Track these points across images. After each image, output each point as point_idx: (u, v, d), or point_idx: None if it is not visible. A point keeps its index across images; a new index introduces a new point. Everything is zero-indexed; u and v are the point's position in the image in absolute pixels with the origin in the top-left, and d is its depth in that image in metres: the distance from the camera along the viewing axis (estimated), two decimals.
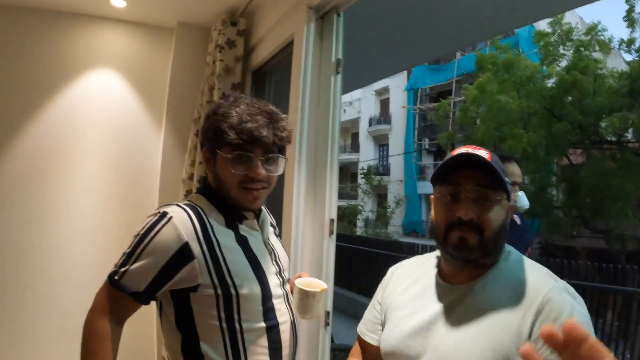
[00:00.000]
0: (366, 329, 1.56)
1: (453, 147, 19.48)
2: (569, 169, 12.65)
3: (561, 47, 12.07)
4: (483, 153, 1.27)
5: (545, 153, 12.07)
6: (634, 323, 6.37)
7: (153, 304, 1.49)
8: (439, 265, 1.43)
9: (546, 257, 9.90)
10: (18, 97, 3.44)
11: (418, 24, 3.43)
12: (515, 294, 1.22)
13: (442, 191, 1.31)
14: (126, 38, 3.73)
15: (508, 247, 1.36)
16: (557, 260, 8.30)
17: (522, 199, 2.82)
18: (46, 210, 3.46)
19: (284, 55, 2.75)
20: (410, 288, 1.45)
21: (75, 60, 3.58)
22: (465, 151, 1.28)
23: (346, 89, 3.50)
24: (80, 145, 3.56)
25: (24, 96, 3.45)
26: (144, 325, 3.58)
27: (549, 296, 1.18)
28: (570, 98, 11.41)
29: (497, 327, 1.20)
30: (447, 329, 1.27)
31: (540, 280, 1.24)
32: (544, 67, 12.26)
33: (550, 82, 12.26)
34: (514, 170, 2.89)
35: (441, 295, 1.35)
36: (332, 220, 2.22)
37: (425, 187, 24.98)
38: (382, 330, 1.48)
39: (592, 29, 11.97)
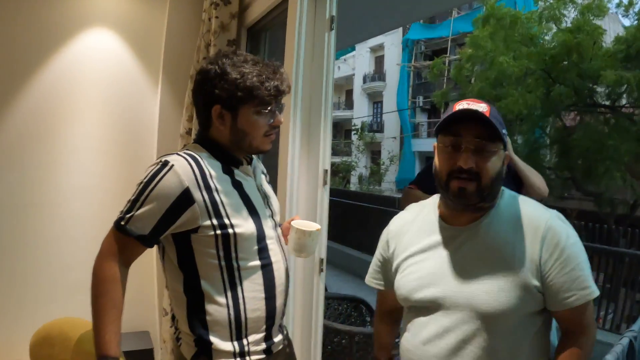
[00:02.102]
0: (372, 277, 1.76)
1: (447, 105, 19.43)
2: (562, 131, 12.65)
3: (561, 8, 11.86)
4: (483, 107, 1.40)
5: (540, 115, 12.08)
6: (621, 284, 6.51)
7: (153, 252, 1.60)
8: (440, 210, 1.56)
9: None
10: (15, 59, 3.45)
11: None
12: (518, 227, 1.42)
13: (445, 141, 1.44)
14: None
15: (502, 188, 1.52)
16: None
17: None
18: (45, 169, 3.51)
19: (279, 12, 2.79)
20: (414, 235, 1.58)
21: (70, 20, 3.58)
22: (466, 105, 1.41)
23: (341, 45, 3.55)
24: (77, 104, 3.60)
25: (20, 57, 3.47)
26: (146, 278, 3.71)
27: (549, 224, 1.39)
28: (565, 62, 11.32)
29: (511, 258, 1.39)
30: (462, 269, 1.43)
31: (536, 211, 1.45)
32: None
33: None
34: None
35: (448, 238, 1.50)
36: (325, 171, 2.32)
37: (419, 144, 25.05)
38: (394, 276, 1.62)
39: None
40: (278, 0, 2.70)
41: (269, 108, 1.60)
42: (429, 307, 1.47)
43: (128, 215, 1.49)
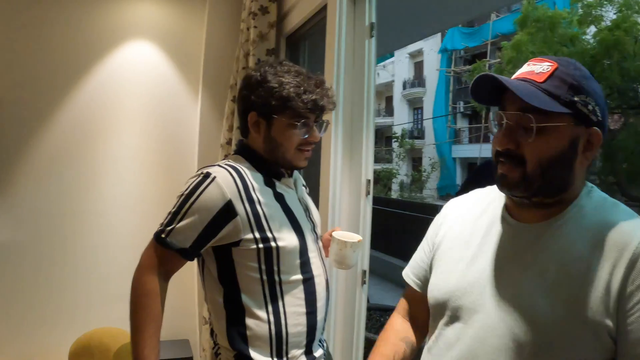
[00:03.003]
0: (412, 272, 1.41)
1: (488, 110, 19.18)
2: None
3: (600, 8, 11.62)
4: (542, 67, 1.07)
5: None
6: None
7: (194, 264, 1.58)
8: (506, 200, 1.20)
9: None
10: (58, 71, 3.54)
11: None
12: (599, 241, 1.01)
13: (494, 117, 1.12)
14: (159, 9, 3.78)
15: (589, 185, 1.13)
16: None
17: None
18: (87, 179, 3.58)
19: (318, 20, 2.77)
20: (470, 225, 1.25)
21: (110, 34, 3.66)
22: (523, 69, 1.10)
23: (380, 51, 3.51)
24: (119, 115, 3.66)
25: (63, 71, 3.55)
26: (186, 287, 3.72)
27: None
28: (608, 62, 11.04)
29: (579, 279, 0.99)
30: (515, 278, 1.08)
31: (630, 224, 1.01)
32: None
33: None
34: None
35: (510, 236, 1.14)
36: (368, 181, 2.27)
37: (460, 150, 24.77)
38: (430, 274, 1.31)
39: None
40: (317, 9, 2.68)
41: (302, 121, 1.57)
42: (458, 317, 1.16)
43: (169, 228, 1.48)
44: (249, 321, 1.52)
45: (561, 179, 1.06)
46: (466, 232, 1.24)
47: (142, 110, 3.72)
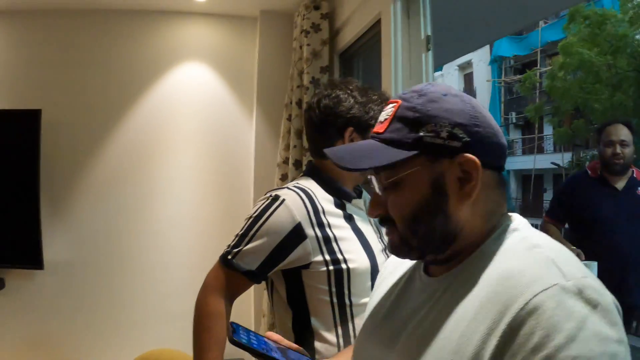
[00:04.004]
0: None
1: (541, 120, 18.75)
2: None
3: None
4: (386, 112, 0.92)
5: (637, 121, 11.37)
6: None
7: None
8: None
9: None
10: (114, 95, 3.66)
11: None
12: (491, 296, 0.76)
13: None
14: (211, 31, 3.86)
15: (515, 223, 0.89)
16: None
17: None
18: (144, 200, 3.66)
19: (371, 35, 2.76)
20: (397, 279, 1.08)
21: (164, 56, 3.75)
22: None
23: (440, 62, 3.47)
24: (174, 136, 3.74)
25: (119, 94, 3.66)
26: (242, 304, 3.72)
27: (536, 302, 0.69)
28: None
29: (461, 339, 0.76)
30: (404, 340, 0.89)
31: (533, 271, 0.75)
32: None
33: None
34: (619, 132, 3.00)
35: (418, 291, 0.96)
36: None
37: (514, 162, 24.24)
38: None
39: None
40: (370, 23, 2.67)
41: None
42: None
43: (236, 250, 1.47)
44: (318, 345, 1.50)
45: (437, 230, 0.86)
46: (387, 292, 1.08)
47: (197, 130, 3.79)
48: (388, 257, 1.64)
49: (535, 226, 0.99)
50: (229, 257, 1.47)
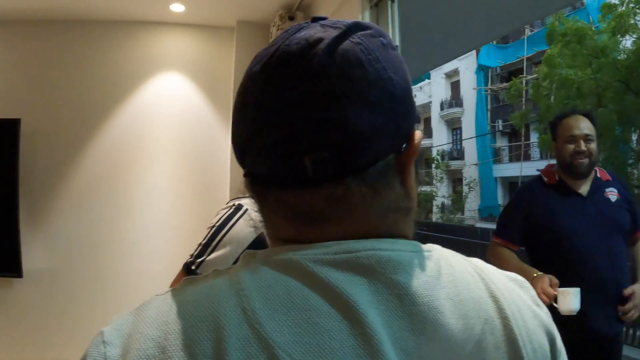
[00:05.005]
0: None
1: (527, 127, 18.82)
2: None
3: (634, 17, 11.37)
4: None
5: (621, 130, 11.49)
6: None
7: None
8: None
9: None
10: (92, 105, 3.66)
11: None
12: None
13: None
14: (188, 40, 3.87)
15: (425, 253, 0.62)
16: None
17: (570, 301, 2.11)
18: (121, 209, 3.66)
19: None
20: None
21: (142, 67, 3.76)
22: None
23: (414, 73, 3.47)
24: (151, 146, 3.74)
25: (97, 104, 3.66)
26: None
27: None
28: None
29: None
30: None
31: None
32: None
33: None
34: (580, 124, 2.47)
35: None
36: None
37: (501, 170, 24.31)
38: None
39: None
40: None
41: None
42: None
43: (199, 260, 1.48)
44: None
45: None
46: None
47: (174, 140, 3.79)
48: None
49: None
50: (193, 267, 1.49)
